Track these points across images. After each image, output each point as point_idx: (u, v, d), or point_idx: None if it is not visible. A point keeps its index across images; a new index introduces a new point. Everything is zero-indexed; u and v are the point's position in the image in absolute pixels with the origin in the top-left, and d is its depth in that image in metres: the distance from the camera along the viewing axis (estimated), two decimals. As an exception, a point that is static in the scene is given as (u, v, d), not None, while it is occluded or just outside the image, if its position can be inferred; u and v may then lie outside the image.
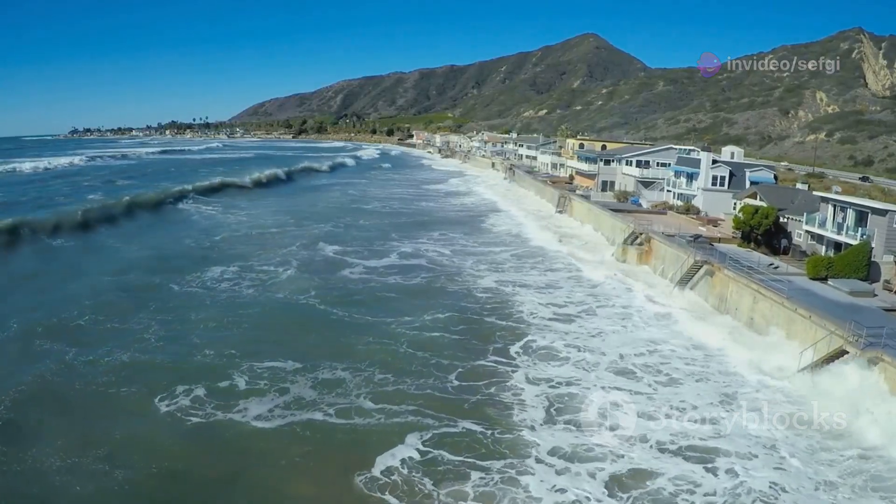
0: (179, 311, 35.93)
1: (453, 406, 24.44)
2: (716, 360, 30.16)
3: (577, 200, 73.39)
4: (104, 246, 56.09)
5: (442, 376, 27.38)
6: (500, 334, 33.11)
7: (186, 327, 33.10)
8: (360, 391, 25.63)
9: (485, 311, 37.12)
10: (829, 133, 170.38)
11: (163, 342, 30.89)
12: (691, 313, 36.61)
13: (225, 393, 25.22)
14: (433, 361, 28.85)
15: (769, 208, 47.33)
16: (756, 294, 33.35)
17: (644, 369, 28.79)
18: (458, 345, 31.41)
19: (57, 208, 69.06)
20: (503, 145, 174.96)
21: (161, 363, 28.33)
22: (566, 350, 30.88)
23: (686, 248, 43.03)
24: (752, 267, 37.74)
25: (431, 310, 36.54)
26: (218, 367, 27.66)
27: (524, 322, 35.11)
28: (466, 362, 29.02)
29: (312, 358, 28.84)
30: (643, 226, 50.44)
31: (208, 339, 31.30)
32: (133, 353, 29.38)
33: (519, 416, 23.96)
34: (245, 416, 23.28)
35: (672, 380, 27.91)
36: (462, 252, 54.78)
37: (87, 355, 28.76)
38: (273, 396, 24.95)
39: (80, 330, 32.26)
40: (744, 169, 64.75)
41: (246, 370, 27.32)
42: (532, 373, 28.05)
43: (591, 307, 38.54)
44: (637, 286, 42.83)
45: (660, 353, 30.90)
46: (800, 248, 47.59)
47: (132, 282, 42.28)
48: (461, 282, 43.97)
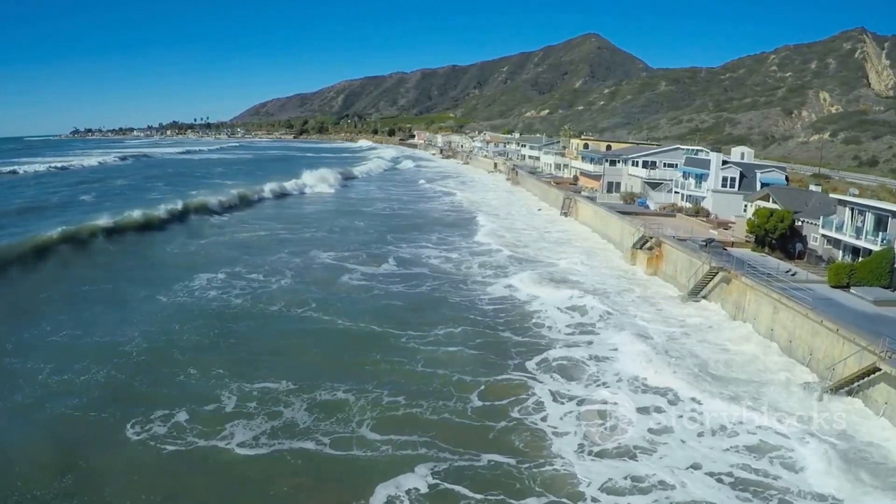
0: (164, 322, 33.60)
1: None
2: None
3: (583, 202, 71.45)
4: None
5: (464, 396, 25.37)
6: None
7: (171, 341, 30.87)
8: (363, 416, 23.48)
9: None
10: (833, 133, 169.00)
11: (144, 358, 28.68)
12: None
13: (209, 417, 23.00)
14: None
15: (785, 211, 45.44)
16: (776, 304, 31.40)
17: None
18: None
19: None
20: (505, 146, 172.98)
21: (141, 384, 26.09)
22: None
23: (699, 254, 41.07)
24: (770, 274, 35.77)
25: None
26: (204, 388, 25.44)
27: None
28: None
29: (311, 377, 26.60)
30: (653, 229, 48.46)
31: (194, 355, 28.99)
32: (111, 370, 27.16)
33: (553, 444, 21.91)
34: (230, 443, 21.17)
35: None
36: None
37: (60, 373, 26.51)
38: (262, 420, 22.75)
39: (53, 346, 29.74)
40: (754, 170, 62.90)
41: (235, 391, 25.06)
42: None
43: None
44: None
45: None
46: (815, 253, 45.72)
47: (113, 291, 39.76)
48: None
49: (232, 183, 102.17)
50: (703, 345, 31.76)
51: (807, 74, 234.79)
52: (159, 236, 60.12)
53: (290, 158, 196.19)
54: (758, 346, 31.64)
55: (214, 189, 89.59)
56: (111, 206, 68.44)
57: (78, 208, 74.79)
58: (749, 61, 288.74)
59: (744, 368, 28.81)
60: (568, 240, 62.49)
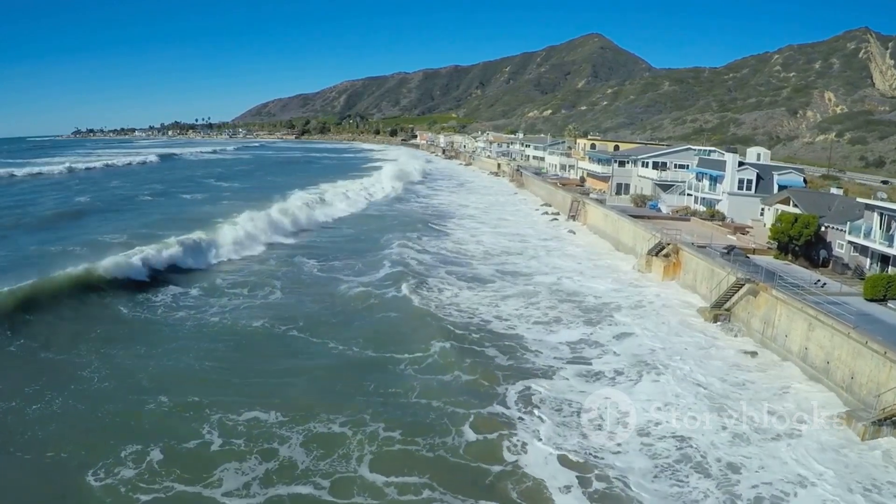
0: (129, 343, 29.91)
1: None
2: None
3: (592, 205, 68.93)
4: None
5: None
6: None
7: (138, 365, 27.15)
8: (363, 452, 20.98)
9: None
10: (839, 133, 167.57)
11: (108, 384, 25.12)
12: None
13: (191, 457, 19.98)
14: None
15: (810, 216, 42.94)
16: (812, 320, 28.88)
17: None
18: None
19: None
20: (509, 146, 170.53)
21: (105, 415, 22.68)
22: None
23: (722, 263, 38.47)
24: (800, 285, 33.24)
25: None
26: (180, 420, 22.34)
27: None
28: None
29: (301, 407, 23.76)
30: (670, 234, 45.90)
31: (167, 381, 25.48)
32: (68, 399, 23.54)
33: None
34: (214, 491, 18.17)
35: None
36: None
37: (4, 401, 23.07)
38: (255, 463, 19.90)
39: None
40: (771, 172, 60.39)
41: (216, 424, 21.91)
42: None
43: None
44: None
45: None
46: (841, 261, 43.29)
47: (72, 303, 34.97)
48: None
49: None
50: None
51: (811, 74, 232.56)
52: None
53: (312, 161, 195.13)
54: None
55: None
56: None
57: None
58: (752, 61, 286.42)
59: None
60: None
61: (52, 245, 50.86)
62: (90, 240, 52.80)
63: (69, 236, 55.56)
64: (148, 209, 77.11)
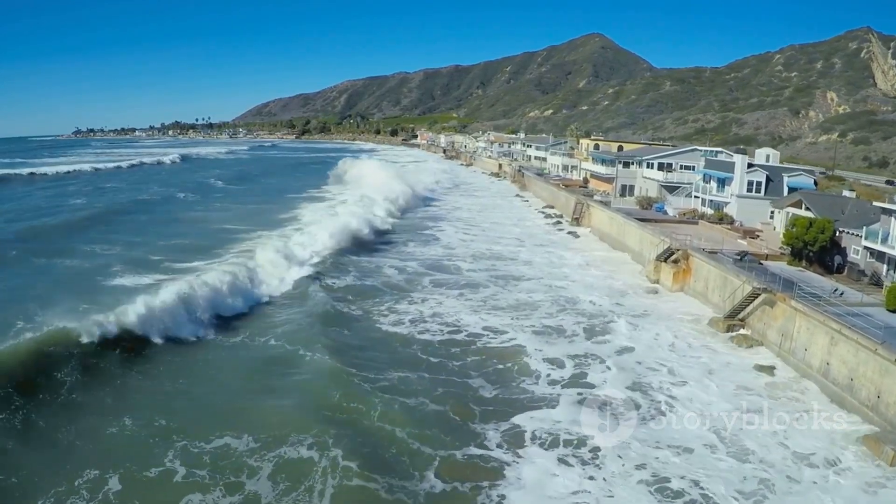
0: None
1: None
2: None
3: (597, 207, 67.25)
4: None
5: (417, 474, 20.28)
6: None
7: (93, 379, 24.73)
8: (325, 485, 18.97)
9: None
10: (842, 133, 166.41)
11: (63, 398, 23.01)
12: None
13: (151, 487, 18.18)
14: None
15: (825, 221, 41.34)
16: (834, 334, 27.24)
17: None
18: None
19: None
20: (510, 146, 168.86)
21: (61, 437, 20.80)
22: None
23: (736, 270, 36.76)
24: (818, 294, 31.58)
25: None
26: (140, 446, 20.30)
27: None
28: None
29: (274, 426, 21.90)
30: (680, 239, 44.17)
31: (126, 401, 23.29)
32: (10, 417, 21.31)
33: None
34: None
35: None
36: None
37: None
38: (219, 495, 18.12)
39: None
40: (781, 174, 58.86)
41: (180, 452, 20.08)
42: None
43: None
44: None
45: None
46: (857, 267, 41.76)
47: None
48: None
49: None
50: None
51: (812, 74, 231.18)
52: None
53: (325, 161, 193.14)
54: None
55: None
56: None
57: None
58: (754, 61, 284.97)
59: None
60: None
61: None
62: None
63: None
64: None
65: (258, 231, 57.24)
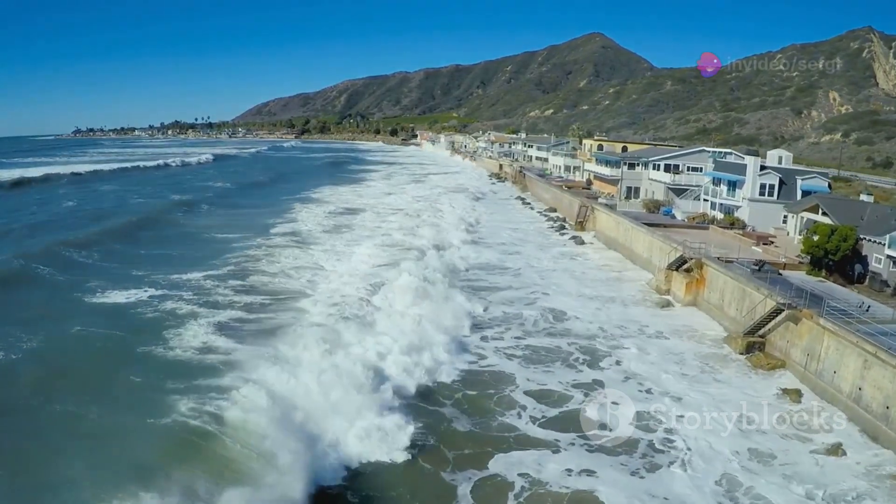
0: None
1: None
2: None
3: (602, 211, 64.90)
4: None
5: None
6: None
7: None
8: None
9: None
10: (845, 134, 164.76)
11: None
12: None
13: None
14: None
15: (847, 228, 39.05)
16: (868, 357, 24.77)
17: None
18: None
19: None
20: (511, 146, 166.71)
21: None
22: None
23: (756, 283, 34.18)
24: (845, 310, 29.06)
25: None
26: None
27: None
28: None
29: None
30: (693, 247, 41.63)
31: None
32: None
33: None
34: None
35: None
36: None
37: None
38: None
39: None
40: (794, 176, 56.52)
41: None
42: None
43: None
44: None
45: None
46: (879, 277, 39.43)
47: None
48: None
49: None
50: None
51: (814, 74, 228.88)
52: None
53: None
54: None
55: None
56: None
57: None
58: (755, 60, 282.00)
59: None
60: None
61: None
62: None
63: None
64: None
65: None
